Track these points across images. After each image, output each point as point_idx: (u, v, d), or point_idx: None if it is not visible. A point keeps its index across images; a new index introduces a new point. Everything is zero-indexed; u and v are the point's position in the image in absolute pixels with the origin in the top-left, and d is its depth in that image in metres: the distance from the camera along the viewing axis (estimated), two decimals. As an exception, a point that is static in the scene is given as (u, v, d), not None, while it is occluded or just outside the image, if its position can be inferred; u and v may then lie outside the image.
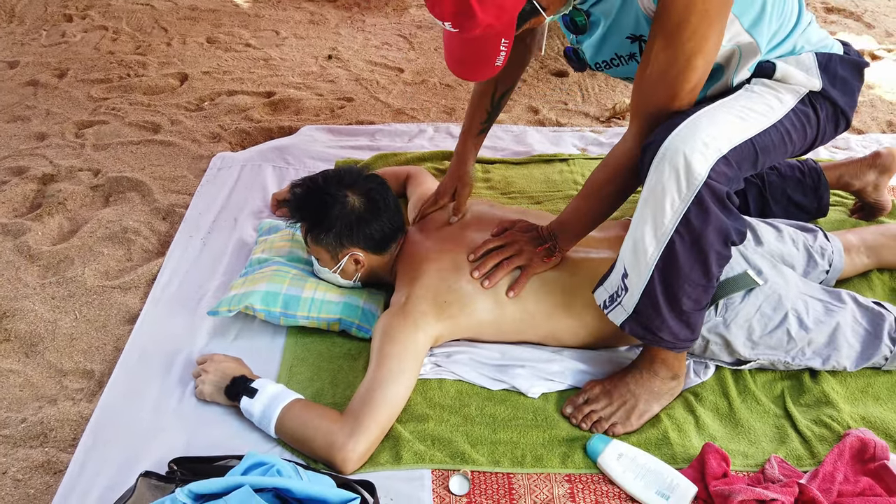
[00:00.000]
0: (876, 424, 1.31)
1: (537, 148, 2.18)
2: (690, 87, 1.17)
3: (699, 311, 1.23)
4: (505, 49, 1.14)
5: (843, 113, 1.35)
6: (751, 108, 1.22)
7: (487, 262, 1.40)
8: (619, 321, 1.27)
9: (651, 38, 1.15)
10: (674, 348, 1.27)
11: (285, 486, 1.00)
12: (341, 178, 1.45)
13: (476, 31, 1.10)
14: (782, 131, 1.24)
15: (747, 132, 1.18)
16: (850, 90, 1.35)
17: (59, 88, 2.58)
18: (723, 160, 1.12)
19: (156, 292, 1.63)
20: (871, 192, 1.78)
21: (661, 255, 1.16)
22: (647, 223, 1.16)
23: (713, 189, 1.11)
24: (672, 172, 1.11)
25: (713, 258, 1.16)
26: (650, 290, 1.19)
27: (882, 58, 2.82)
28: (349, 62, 2.83)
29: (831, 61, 1.32)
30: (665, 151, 1.12)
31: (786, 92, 1.28)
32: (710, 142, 1.11)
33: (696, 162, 1.10)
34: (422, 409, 1.35)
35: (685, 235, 1.14)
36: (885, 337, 1.38)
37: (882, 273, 1.65)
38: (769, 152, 1.23)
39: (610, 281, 1.27)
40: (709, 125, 1.13)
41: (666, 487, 1.20)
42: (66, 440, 1.33)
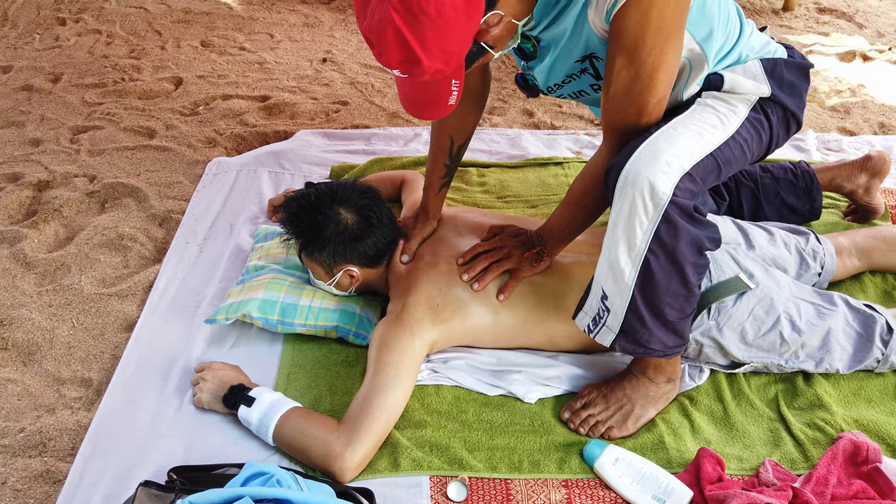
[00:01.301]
0: (868, 427, 1.33)
1: (532, 151, 2.19)
2: (656, 100, 1.18)
3: (685, 318, 1.25)
4: (456, 89, 1.15)
5: (794, 115, 1.36)
6: (706, 123, 1.23)
7: (476, 265, 1.42)
8: (608, 342, 1.27)
9: (611, 58, 1.15)
10: (665, 356, 1.29)
11: (285, 496, 1.00)
12: (334, 193, 1.44)
13: (425, 76, 1.09)
14: (740, 141, 1.26)
15: (707, 147, 1.20)
16: (798, 92, 1.37)
17: (53, 93, 2.57)
18: (686, 177, 1.14)
19: (153, 299, 1.64)
20: (862, 194, 1.79)
21: (639, 275, 1.18)
22: (620, 245, 1.18)
23: (679, 205, 1.13)
24: (638, 196, 1.13)
25: (689, 269, 1.18)
26: (634, 308, 1.21)
27: (874, 59, 2.84)
28: (344, 65, 2.83)
29: (777, 66, 1.34)
30: (627, 176, 1.14)
31: (737, 102, 1.29)
32: (672, 161, 1.13)
33: (660, 182, 1.11)
34: (419, 415, 1.36)
35: (658, 253, 1.16)
36: (877, 339, 1.39)
37: (874, 275, 1.66)
38: (730, 163, 1.24)
39: (589, 305, 1.28)
40: (668, 145, 1.15)
41: (662, 492, 1.21)
42: (64, 449, 1.34)
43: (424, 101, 1.18)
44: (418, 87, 1.15)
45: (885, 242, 1.65)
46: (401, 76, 1.11)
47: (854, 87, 2.64)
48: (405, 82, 1.17)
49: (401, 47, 1.04)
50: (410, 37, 1.03)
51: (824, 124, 2.40)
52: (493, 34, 1.14)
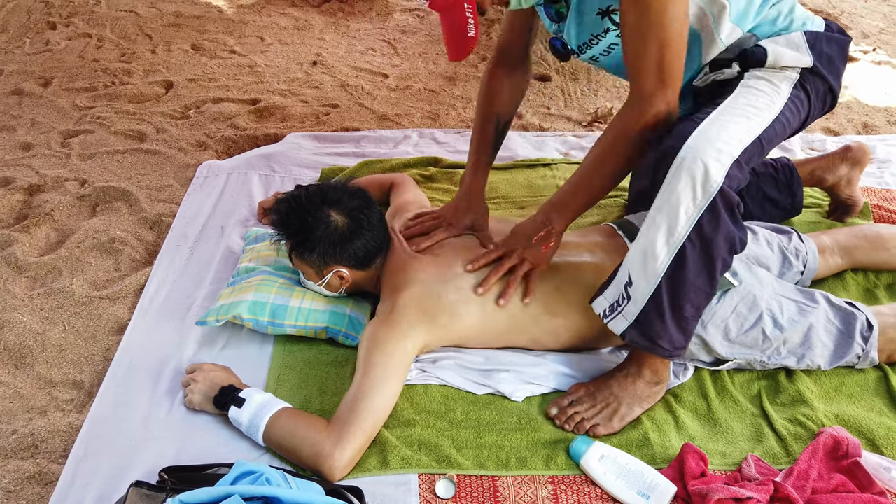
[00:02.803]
0: (849, 422, 1.35)
1: (520, 153, 2.21)
2: (674, 31, 1.17)
3: (697, 318, 1.27)
4: (471, 14, 1.18)
5: (832, 90, 1.38)
6: (753, 106, 1.25)
7: (490, 278, 1.41)
8: (620, 330, 1.29)
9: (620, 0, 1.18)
10: (668, 356, 1.31)
11: (274, 494, 1.02)
12: (325, 195, 1.46)
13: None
14: (783, 121, 1.28)
15: (755, 130, 1.21)
16: (836, 68, 1.38)
17: (43, 97, 2.58)
18: (735, 164, 1.15)
19: (144, 302, 1.65)
20: (844, 186, 1.81)
21: (672, 263, 1.19)
22: (660, 230, 1.19)
23: (726, 196, 1.15)
24: (689, 180, 1.14)
25: (719, 265, 1.20)
26: (657, 298, 1.22)
27: (858, 59, 2.87)
28: (334, 68, 2.85)
29: (818, 39, 1.35)
30: (683, 159, 1.15)
31: (780, 81, 1.31)
32: (723, 147, 1.15)
33: (714, 169, 1.13)
34: (408, 414, 1.38)
35: (696, 243, 1.18)
36: (857, 336, 1.42)
37: (856, 273, 1.69)
38: (772, 142, 1.27)
39: (610, 290, 1.30)
40: (720, 131, 1.17)
41: (646, 487, 1.23)
42: (56, 451, 1.35)
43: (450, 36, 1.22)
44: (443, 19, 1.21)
45: (867, 241, 1.68)
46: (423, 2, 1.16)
47: (838, 88, 2.67)
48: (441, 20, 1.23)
49: None
50: None
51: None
52: None
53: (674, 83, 1.22)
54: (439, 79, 2.76)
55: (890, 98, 2.61)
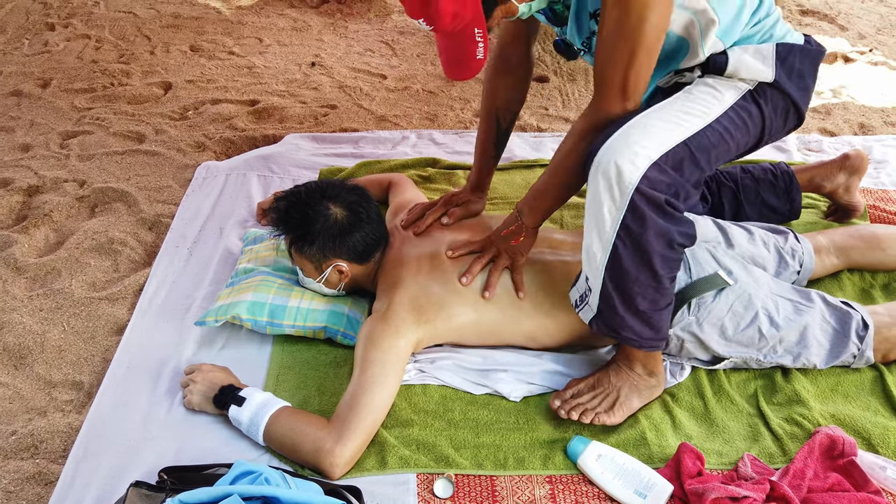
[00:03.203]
0: (845, 422, 1.36)
1: (518, 153, 2.22)
2: (646, 46, 1.17)
3: (658, 311, 1.28)
4: (481, 40, 1.17)
5: (796, 105, 1.36)
6: (684, 111, 1.25)
7: (473, 268, 1.45)
8: (588, 319, 1.33)
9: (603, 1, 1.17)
10: (640, 347, 1.32)
11: (273, 494, 1.03)
12: (324, 190, 1.48)
13: (445, 21, 1.14)
14: (720, 130, 1.27)
15: (680, 135, 1.21)
16: (805, 84, 1.37)
17: (42, 98, 2.59)
18: (654, 167, 1.16)
19: (143, 303, 1.66)
20: (842, 193, 1.83)
21: (608, 260, 1.22)
22: (593, 230, 1.22)
23: (647, 196, 1.16)
24: (605, 182, 1.17)
25: (657, 261, 1.21)
26: (605, 292, 1.26)
27: (855, 60, 2.88)
28: (332, 69, 2.85)
29: (791, 52, 1.34)
30: (598, 162, 1.18)
31: (726, 89, 1.30)
32: (639, 150, 1.16)
33: (626, 171, 1.15)
34: (406, 414, 1.38)
35: (626, 241, 1.19)
36: (853, 335, 1.43)
37: (852, 273, 1.70)
38: (709, 151, 1.25)
39: (579, 282, 1.34)
40: (640, 134, 1.18)
41: (643, 486, 1.24)
42: (56, 451, 1.35)
43: (455, 58, 1.22)
44: (447, 41, 1.20)
45: (863, 241, 1.69)
46: (427, 28, 1.16)
47: (835, 89, 2.68)
48: (440, 40, 1.22)
49: None
50: None
51: (805, 125, 2.44)
52: None
53: (636, 96, 1.23)
54: (437, 80, 2.77)
55: (886, 99, 2.62)
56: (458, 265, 1.47)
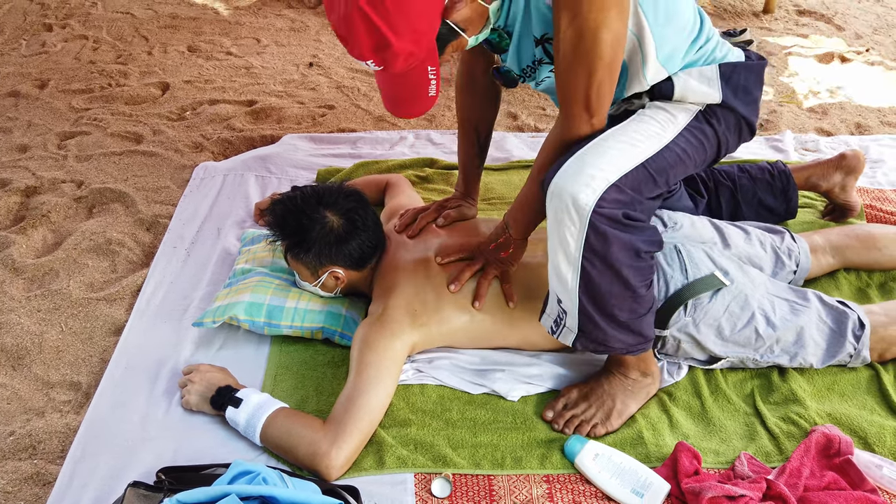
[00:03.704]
0: (841, 421, 1.36)
1: (516, 154, 2.22)
2: (604, 62, 1.16)
3: (639, 318, 1.28)
4: (434, 77, 1.16)
5: (746, 120, 1.38)
6: (640, 133, 1.26)
7: (462, 277, 1.44)
8: (570, 341, 1.31)
9: (556, 20, 1.15)
10: (629, 353, 1.32)
11: (270, 493, 1.03)
12: (320, 196, 1.47)
13: (399, 62, 1.11)
14: (677, 151, 1.28)
15: (637, 158, 1.22)
16: (752, 98, 1.39)
17: (40, 99, 2.59)
18: (613, 188, 1.17)
19: (141, 303, 1.66)
20: (838, 192, 1.83)
21: (580, 280, 1.22)
22: (559, 254, 1.22)
23: (604, 215, 1.16)
24: (563, 207, 1.17)
25: (628, 272, 1.21)
26: (584, 311, 1.25)
27: (851, 60, 2.89)
28: (330, 69, 2.85)
29: (735, 71, 1.34)
30: (553, 190, 1.18)
31: (679, 112, 1.31)
32: (596, 174, 1.16)
33: (583, 195, 1.15)
34: (404, 414, 1.38)
35: (593, 260, 1.19)
36: (849, 335, 1.43)
37: (848, 273, 1.70)
38: (667, 171, 1.26)
39: (550, 307, 1.33)
40: (595, 158, 1.18)
41: (640, 486, 1.24)
42: (54, 452, 1.35)
43: (405, 96, 1.19)
44: (397, 81, 1.17)
45: (859, 240, 1.69)
46: (377, 69, 1.12)
47: (832, 88, 2.69)
48: (384, 79, 1.18)
49: (370, 32, 1.07)
50: (377, 18, 1.05)
51: (802, 125, 2.45)
52: (461, 13, 1.15)
53: (601, 111, 1.23)
54: (435, 80, 2.77)
55: (883, 98, 2.62)
56: (451, 270, 1.47)
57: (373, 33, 1.07)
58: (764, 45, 3.01)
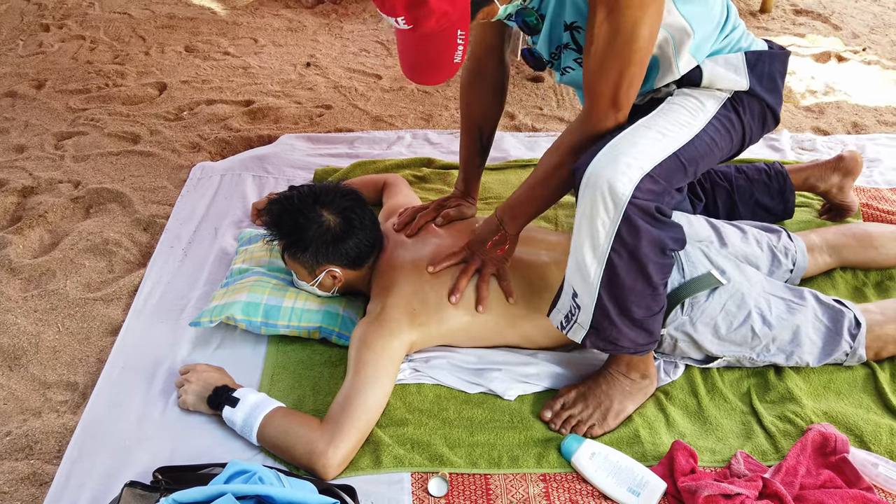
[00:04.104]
0: (837, 419, 1.37)
1: (513, 153, 2.23)
2: (638, 59, 1.16)
3: (653, 316, 1.28)
4: (462, 42, 1.12)
5: (771, 109, 1.38)
6: (671, 122, 1.26)
7: (460, 285, 1.43)
8: (580, 338, 1.31)
9: (591, 14, 1.15)
10: (636, 353, 1.32)
11: (267, 492, 1.03)
12: (317, 196, 1.47)
13: (431, 21, 1.06)
14: (706, 140, 1.28)
15: (670, 147, 1.22)
16: (776, 87, 1.39)
17: (37, 99, 2.58)
18: (647, 178, 1.16)
19: (138, 303, 1.66)
20: (836, 193, 1.84)
21: (604, 273, 1.21)
22: (585, 245, 1.21)
23: (639, 206, 1.16)
24: (598, 196, 1.16)
25: (653, 268, 1.22)
26: (601, 306, 1.25)
27: (848, 59, 2.89)
28: (327, 69, 2.86)
29: (760, 59, 1.35)
30: (589, 177, 1.17)
31: (707, 99, 1.31)
32: (632, 162, 1.16)
33: (620, 184, 1.14)
34: (401, 413, 1.39)
35: (622, 252, 1.19)
36: (845, 333, 1.43)
37: (845, 272, 1.71)
38: (697, 161, 1.26)
39: (562, 302, 1.32)
40: (629, 147, 1.18)
41: (637, 484, 1.24)
42: (51, 452, 1.35)
43: (429, 61, 1.15)
44: (423, 42, 1.12)
45: (856, 239, 1.69)
46: (405, 27, 1.08)
47: (829, 88, 2.69)
48: (409, 40, 1.14)
49: None
50: None
51: (799, 124, 2.45)
52: None
53: (626, 106, 1.23)
54: (432, 80, 2.77)
55: (879, 98, 2.63)
56: (450, 271, 1.46)
57: None
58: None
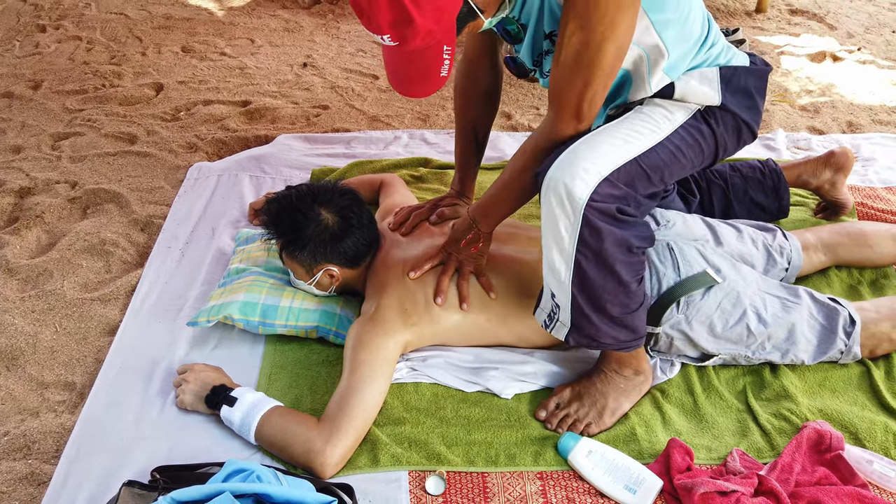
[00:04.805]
0: (832, 416, 1.37)
1: (509, 153, 2.23)
2: (603, 73, 1.17)
3: (631, 313, 1.29)
4: (448, 57, 1.14)
5: (746, 124, 1.38)
6: (634, 129, 1.26)
7: (442, 285, 1.44)
8: (563, 336, 1.33)
9: (563, 24, 1.15)
10: (621, 349, 1.33)
11: (265, 491, 1.03)
12: (315, 194, 1.47)
13: (416, 39, 1.08)
14: (671, 148, 1.28)
15: (630, 153, 1.23)
16: (753, 103, 1.39)
17: (34, 100, 2.58)
18: (606, 182, 1.17)
19: (135, 303, 1.66)
20: (828, 189, 1.84)
21: (573, 274, 1.23)
22: (553, 248, 1.23)
23: (598, 209, 1.17)
24: (557, 201, 1.18)
25: (620, 267, 1.22)
26: (577, 305, 1.26)
27: (843, 59, 2.90)
28: (324, 70, 2.86)
29: (735, 74, 1.35)
30: (548, 183, 1.19)
31: (677, 110, 1.31)
32: (589, 167, 1.17)
33: (577, 188, 1.16)
34: (398, 412, 1.39)
35: (586, 253, 1.20)
36: (840, 331, 1.44)
37: (840, 270, 1.71)
38: (661, 169, 1.26)
39: (544, 302, 1.34)
40: (587, 151, 1.19)
41: (633, 482, 1.25)
42: (49, 452, 1.35)
43: (416, 75, 1.17)
44: (409, 58, 1.14)
45: (850, 238, 1.70)
46: (391, 44, 1.10)
47: (824, 87, 2.70)
48: (395, 55, 1.15)
49: (392, 5, 1.04)
50: None
51: (794, 123, 2.46)
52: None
53: (588, 118, 1.24)
54: (429, 80, 2.77)
55: (874, 97, 2.64)
56: (435, 272, 1.47)
57: (395, 7, 1.04)
58: (756, 44, 3.03)
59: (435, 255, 1.48)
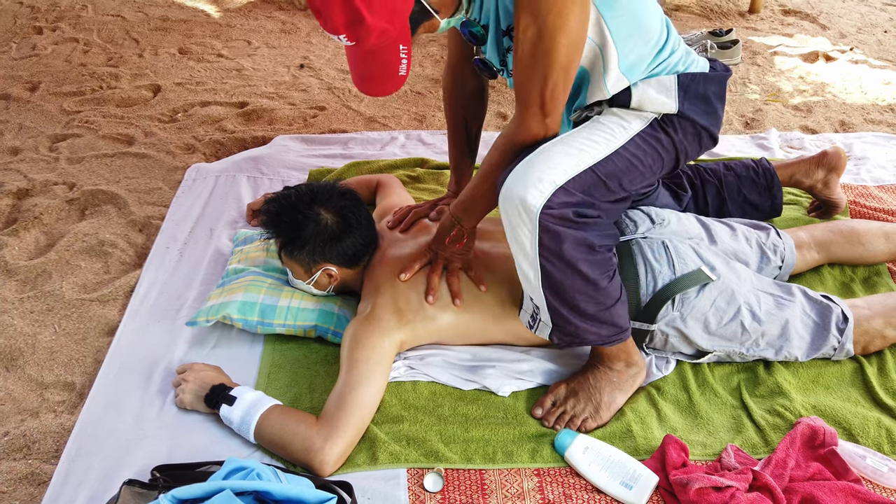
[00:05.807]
0: (826, 412, 1.39)
1: (506, 153, 2.24)
2: (560, 65, 1.19)
3: (607, 310, 1.30)
4: (405, 56, 1.17)
5: (705, 129, 1.39)
6: (591, 139, 1.28)
7: (432, 284, 1.45)
8: (547, 335, 1.35)
9: (516, 19, 1.17)
10: (606, 344, 1.35)
11: (265, 488, 1.04)
12: (314, 194, 1.49)
13: (371, 38, 1.12)
14: (627, 156, 1.30)
15: (585, 162, 1.25)
16: (712, 109, 1.40)
17: (31, 102, 2.59)
18: (561, 191, 1.20)
19: (134, 304, 1.67)
20: (821, 188, 1.86)
21: (542, 278, 1.26)
22: (519, 255, 1.26)
23: (554, 215, 1.19)
24: (514, 211, 1.21)
25: (584, 266, 1.24)
26: (551, 306, 1.29)
27: (836, 59, 2.93)
28: (321, 71, 2.87)
29: (694, 81, 1.36)
30: (505, 192, 1.22)
31: (633, 119, 1.33)
32: (543, 177, 1.20)
33: (531, 197, 1.18)
34: (396, 410, 1.40)
35: (549, 257, 1.23)
36: (833, 328, 1.46)
37: (833, 268, 1.73)
38: (618, 176, 1.28)
39: (526, 303, 1.37)
40: (542, 162, 1.22)
41: (629, 478, 1.26)
42: (49, 452, 1.36)
43: (375, 74, 1.20)
44: (367, 57, 1.18)
45: (843, 236, 1.72)
46: (348, 44, 1.14)
47: (817, 87, 2.72)
48: (355, 55, 1.19)
49: (345, 6, 1.07)
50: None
51: (787, 123, 2.48)
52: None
53: (554, 111, 1.25)
54: (425, 81, 2.79)
55: (866, 96, 2.66)
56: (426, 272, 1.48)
57: (347, 7, 1.08)
58: (750, 44, 3.05)
59: (422, 255, 1.49)
